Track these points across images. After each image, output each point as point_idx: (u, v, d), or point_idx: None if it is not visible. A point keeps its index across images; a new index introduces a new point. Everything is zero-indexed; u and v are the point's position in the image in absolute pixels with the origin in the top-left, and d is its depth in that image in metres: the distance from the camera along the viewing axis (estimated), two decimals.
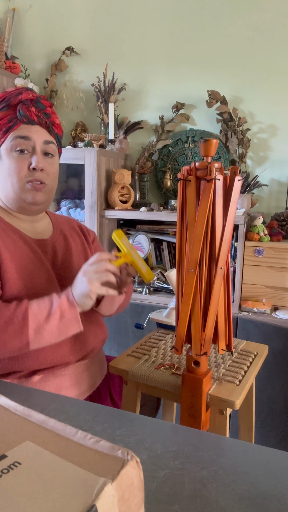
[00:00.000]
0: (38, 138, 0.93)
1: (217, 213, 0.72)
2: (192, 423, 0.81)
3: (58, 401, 0.75)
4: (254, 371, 0.92)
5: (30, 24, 2.36)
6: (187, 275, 0.73)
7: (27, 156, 0.93)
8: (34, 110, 0.93)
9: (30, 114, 0.92)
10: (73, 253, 1.06)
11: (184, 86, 2.12)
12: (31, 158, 0.93)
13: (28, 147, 0.93)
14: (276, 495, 0.53)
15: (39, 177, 0.93)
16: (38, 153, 0.93)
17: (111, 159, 2.03)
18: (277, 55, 1.94)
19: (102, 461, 0.33)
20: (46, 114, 0.96)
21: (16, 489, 0.30)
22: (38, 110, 0.94)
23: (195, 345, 0.76)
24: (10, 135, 0.92)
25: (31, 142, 0.93)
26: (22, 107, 0.92)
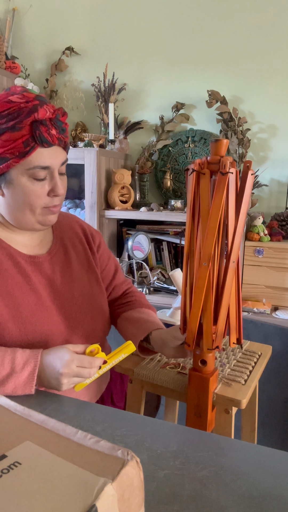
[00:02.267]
0: (56, 163, 0.84)
1: (230, 207, 0.71)
2: (198, 422, 0.81)
3: (58, 401, 0.75)
4: (258, 371, 0.92)
5: (30, 24, 2.36)
6: (199, 269, 0.73)
7: (45, 183, 0.84)
8: (55, 132, 0.81)
9: (52, 139, 0.80)
10: (74, 269, 0.96)
11: (184, 86, 2.12)
12: (50, 184, 0.84)
13: (45, 174, 0.83)
14: (276, 495, 0.53)
15: (57, 202, 0.87)
16: (57, 179, 0.84)
17: (111, 159, 2.03)
18: (277, 55, 1.94)
19: (102, 461, 0.33)
20: (63, 130, 0.84)
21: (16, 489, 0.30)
22: (58, 131, 0.82)
23: (207, 340, 0.75)
24: (26, 161, 0.80)
25: (50, 169, 0.83)
26: (42, 130, 0.78)
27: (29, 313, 0.85)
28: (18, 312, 0.84)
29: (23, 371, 0.75)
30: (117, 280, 1.09)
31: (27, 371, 0.75)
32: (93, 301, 0.97)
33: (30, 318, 0.85)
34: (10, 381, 0.74)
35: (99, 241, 1.07)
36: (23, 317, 0.84)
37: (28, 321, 0.84)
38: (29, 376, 0.75)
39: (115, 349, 0.80)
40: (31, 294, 0.87)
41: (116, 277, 1.09)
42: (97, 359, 0.77)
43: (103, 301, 1.01)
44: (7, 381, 0.74)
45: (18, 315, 0.83)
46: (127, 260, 2.08)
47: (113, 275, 1.09)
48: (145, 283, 2.03)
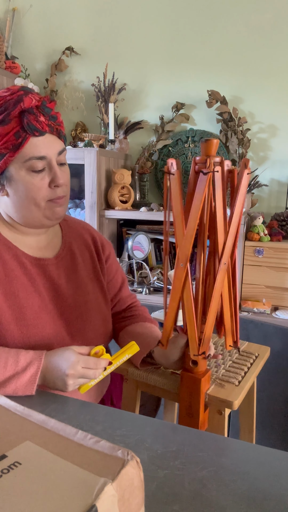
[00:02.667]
0: (52, 152, 0.83)
1: (217, 207, 0.71)
2: (190, 422, 0.80)
3: (58, 401, 0.75)
4: (254, 372, 0.91)
5: (30, 24, 2.36)
6: (176, 270, 0.73)
7: (45, 174, 0.83)
8: (43, 119, 0.80)
9: (42, 126, 0.80)
10: (79, 276, 0.95)
11: (184, 86, 2.12)
12: (50, 174, 0.83)
13: (43, 164, 0.82)
14: (276, 495, 0.53)
15: (60, 193, 0.85)
16: (56, 169, 0.83)
17: (111, 159, 2.03)
18: (277, 55, 1.94)
19: (102, 461, 0.33)
20: (53, 117, 0.83)
21: (16, 489, 0.30)
22: (47, 118, 0.81)
23: (192, 345, 0.75)
24: (21, 154, 0.80)
25: (47, 159, 0.82)
26: (30, 118, 0.78)
27: (32, 315, 0.84)
28: (22, 313, 0.83)
29: (25, 372, 0.75)
30: (123, 293, 1.08)
31: (30, 372, 0.75)
32: (96, 310, 0.96)
33: (33, 320, 0.84)
34: (12, 382, 0.74)
35: (109, 252, 1.06)
36: (26, 319, 0.83)
37: (31, 323, 0.84)
38: (31, 378, 0.75)
39: (119, 350, 0.80)
40: (35, 296, 0.86)
41: (122, 290, 1.08)
42: (102, 360, 0.76)
43: (106, 311, 1.00)
44: (9, 382, 0.74)
45: (22, 316, 0.83)
46: (127, 260, 2.08)
47: (119, 287, 1.08)
48: (145, 283, 2.03)
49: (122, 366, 0.90)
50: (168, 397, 0.88)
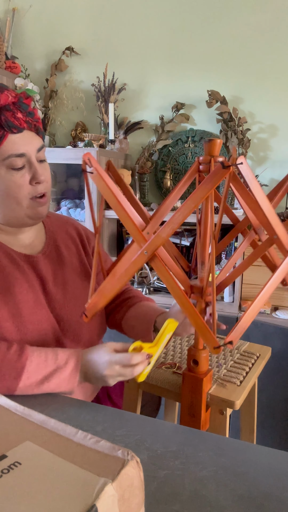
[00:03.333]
0: (32, 149, 0.82)
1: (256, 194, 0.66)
2: (192, 422, 0.81)
3: (58, 401, 0.75)
4: (256, 373, 0.91)
5: (30, 24, 2.35)
6: (141, 255, 0.68)
7: (25, 172, 0.82)
8: (21, 115, 0.80)
9: (20, 123, 0.80)
10: (66, 271, 0.95)
11: (184, 86, 2.12)
12: (30, 172, 0.83)
13: (23, 162, 0.82)
14: (276, 495, 0.53)
15: (41, 190, 0.85)
16: (36, 165, 0.83)
17: (111, 159, 2.03)
18: (277, 55, 1.94)
19: (102, 461, 0.33)
20: (31, 113, 0.82)
21: (16, 489, 0.30)
22: (25, 114, 0.81)
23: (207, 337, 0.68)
24: (0, 152, 0.79)
25: (27, 156, 0.82)
26: (7, 115, 0.78)
27: (28, 311, 0.85)
28: (18, 309, 0.83)
29: (66, 366, 0.76)
30: None
31: (70, 366, 0.77)
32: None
33: (30, 316, 0.84)
34: (54, 377, 0.75)
35: (95, 244, 1.06)
36: (23, 315, 0.84)
37: (28, 319, 0.84)
38: (72, 372, 0.77)
39: (158, 333, 0.78)
40: (29, 291, 0.87)
41: None
42: (136, 356, 0.75)
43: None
44: (52, 376, 0.75)
45: (18, 313, 0.83)
46: None
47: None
48: (145, 283, 2.03)
49: None
50: (170, 396, 0.88)
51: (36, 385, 0.75)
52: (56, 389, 0.76)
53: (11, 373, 0.73)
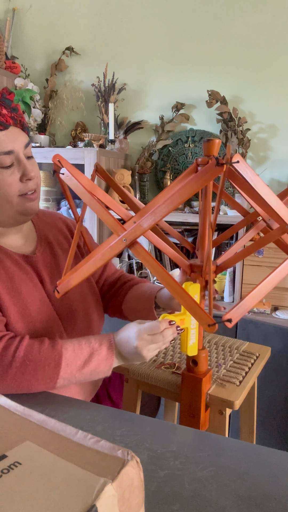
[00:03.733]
0: (19, 146, 0.82)
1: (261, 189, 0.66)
2: (191, 422, 0.80)
3: (58, 401, 0.75)
4: (255, 373, 0.91)
5: (30, 24, 2.36)
6: (118, 242, 0.70)
7: (14, 169, 0.82)
8: (6, 112, 0.79)
9: (6, 119, 0.79)
10: (62, 268, 0.95)
11: (184, 86, 2.12)
12: (19, 169, 0.82)
13: (11, 159, 0.81)
14: (276, 495, 0.53)
15: (32, 187, 0.85)
16: (25, 162, 0.83)
17: (111, 159, 2.03)
18: (277, 55, 1.94)
19: (102, 461, 0.33)
20: (14, 109, 0.82)
21: (16, 489, 0.30)
22: (9, 110, 0.80)
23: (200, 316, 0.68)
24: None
25: (15, 153, 0.81)
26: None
27: (36, 310, 0.85)
28: (27, 310, 0.84)
29: (101, 347, 0.78)
30: (108, 271, 1.10)
31: (105, 346, 0.79)
32: (84, 298, 0.98)
33: (38, 316, 0.85)
34: (93, 360, 0.77)
35: (89, 238, 1.06)
36: (32, 315, 0.84)
37: (37, 319, 0.85)
38: (108, 351, 0.78)
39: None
40: (35, 290, 0.87)
41: (106, 269, 1.10)
42: (162, 322, 0.75)
43: (94, 297, 1.01)
44: (90, 359, 0.77)
45: (27, 313, 0.84)
46: (127, 260, 2.08)
47: (103, 267, 1.09)
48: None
49: (123, 366, 0.91)
50: (169, 397, 0.88)
51: (77, 370, 0.76)
52: (96, 371, 0.78)
53: (50, 363, 0.74)
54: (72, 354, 0.76)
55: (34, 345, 0.76)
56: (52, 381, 0.75)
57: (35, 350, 0.75)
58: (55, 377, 0.75)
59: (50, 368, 0.74)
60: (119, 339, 0.79)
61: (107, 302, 1.09)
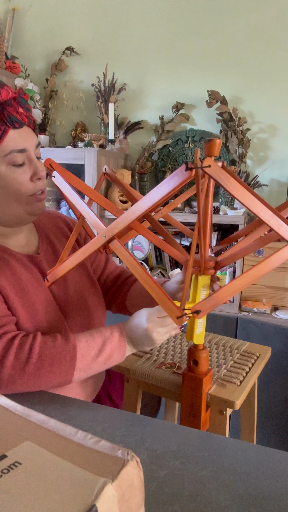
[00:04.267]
0: (31, 145, 0.83)
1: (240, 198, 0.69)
2: (192, 422, 0.81)
3: (58, 401, 0.75)
4: (256, 373, 0.91)
5: (30, 24, 2.35)
6: (98, 237, 0.74)
7: (26, 168, 0.82)
8: (22, 110, 0.80)
9: (22, 118, 0.80)
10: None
11: (184, 86, 2.12)
12: (31, 168, 0.83)
13: (23, 158, 0.81)
14: (276, 495, 0.53)
15: (41, 187, 0.85)
16: (36, 162, 0.84)
17: (111, 159, 2.03)
18: (277, 55, 1.94)
19: (102, 461, 0.33)
20: (28, 109, 0.83)
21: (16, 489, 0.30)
22: (25, 109, 0.82)
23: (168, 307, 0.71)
24: (1, 147, 0.78)
25: (27, 152, 0.82)
26: (9, 110, 0.78)
27: (43, 310, 0.86)
28: (34, 310, 0.85)
29: (112, 335, 0.80)
30: (109, 269, 1.11)
31: (116, 334, 0.81)
32: (87, 296, 0.98)
33: (45, 315, 0.86)
34: (106, 347, 0.79)
35: (85, 234, 1.07)
36: (39, 315, 0.85)
37: (44, 319, 0.85)
38: (120, 338, 0.80)
39: (191, 290, 0.78)
40: (41, 290, 0.88)
41: (107, 266, 1.10)
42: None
43: (96, 294, 1.02)
44: (103, 347, 0.78)
45: (35, 313, 0.84)
46: None
47: (104, 264, 1.10)
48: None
49: (123, 366, 0.91)
50: (170, 396, 0.88)
51: (92, 359, 0.77)
52: (110, 359, 0.79)
53: (65, 356, 0.76)
54: (85, 344, 0.78)
55: (48, 340, 0.77)
56: (69, 374, 0.76)
57: (49, 345, 0.76)
58: (72, 369, 0.76)
59: (66, 361, 0.76)
60: (130, 325, 0.82)
61: (110, 299, 1.10)
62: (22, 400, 0.74)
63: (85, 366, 0.77)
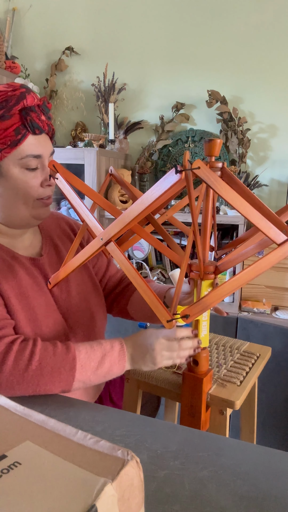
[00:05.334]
0: (46, 152, 0.84)
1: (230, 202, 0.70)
2: (192, 422, 0.81)
3: (58, 401, 0.75)
4: (256, 373, 0.91)
5: (30, 24, 2.35)
6: (96, 241, 0.74)
7: (38, 173, 0.83)
8: (44, 118, 0.82)
9: (43, 125, 0.81)
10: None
11: (184, 86, 2.12)
12: (43, 174, 0.84)
13: (37, 163, 0.82)
14: (276, 495, 0.53)
15: (49, 193, 0.86)
16: (48, 169, 0.85)
17: (111, 159, 2.03)
18: (277, 55, 1.94)
19: (102, 461, 0.33)
20: (50, 118, 0.86)
21: (16, 489, 0.30)
22: (46, 117, 0.83)
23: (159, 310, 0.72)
24: (18, 150, 0.79)
25: (42, 158, 0.83)
26: (32, 116, 0.79)
27: (42, 314, 0.85)
28: (34, 314, 0.84)
29: (113, 349, 0.79)
30: (110, 271, 1.10)
31: (117, 347, 0.79)
32: (89, 298, 0.98)
33: (45, 320, 0.85)
34: (105, 360, 0.77)
35: (88, 236, 1.07)
36: (39, 319, 0.84)
37: (43, 323, 0.85)
38: (120, 352, 0.79)
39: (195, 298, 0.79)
40: (41, 294, 0.87)
41: (109, 268, 1.10)
42: (181, 330, 0.78)
43: (98, 296, 1.02)
44: (103, 361, 0.77)
45: (34, 317, 0.84)
46: None
47: (106, 267, 1.10)
48: None
49: None
50: (170, 396, 0.88)
51: (92, 372, 0.76)
52: (109, 372, 0.78)
53: (65, 366, 0.75)
54: (85, 356, 0.77)
55: (48, 348, 0.76)
56: (68, 384, 0.75)
57: (49, 353, 0.75)
58: (71, 379, 0.75)
59: (66, 370, 0.74)
60: (133, 343, 0.80)
61: (112, 302, 1.10)
62: (22, 400, 0.74)
63: (85, 377, 0.76)
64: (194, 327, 0.79)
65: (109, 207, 0.81)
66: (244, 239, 0.86)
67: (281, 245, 0.60)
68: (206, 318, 0.78)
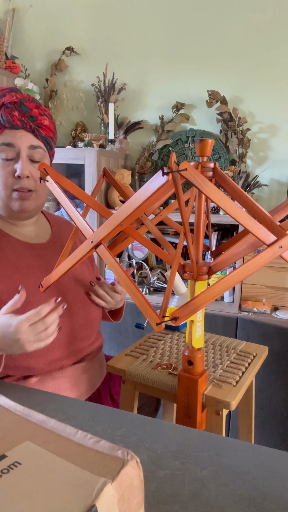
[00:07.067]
0: (22, 144, 0.88)
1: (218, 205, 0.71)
2: (188, 423, 0.80)
3: (58, 401, 0.75)
4: (252, 372, 0.91)
5: (30, 24, 2.35)
6: (86, 243, 0.73)
7: (12, 163, 0.89)
8: (17, 114, 0.88)
9: (13, 119, 0.87)
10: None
11: (184, 86, 2.12)
12: (16, 165, 0.89)
13: (13, 154, 0.88)
14: (276, 495, 0.53)
15: (25, 185, 0.89)
16: (23, 160, 0.88)
17: (111, 159, 2.03)
18: (277, 55, 1.94)
19: (102, 461, 0.33)
20: (32, 117, 0.90)
21: (16, 489, 0.30)
22: (21, 114, 0.88)
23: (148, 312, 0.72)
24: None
25: (16, 148, 0.88)
26: (4, 111, 0.87)
27: (28, 294, 0.87)
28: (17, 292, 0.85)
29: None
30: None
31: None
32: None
33: (29, 298, 0.87)
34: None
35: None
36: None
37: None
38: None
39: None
40: (31, 276, 0.91)
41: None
42: (46, 305, 0.75)
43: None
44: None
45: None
46: (127, 260, 2.08)
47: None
48: (145, 283, 2.03)
49: (119, 367, 0.91)
50: (166, 397, 0.88)
51: None
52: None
53: None
54: None
55: None
56: None
57: None
58: None
59: None
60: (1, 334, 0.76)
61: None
62: (22, 400, 0.74)
63: None
64: (189, 329, 0.79)
65: (101, 208, 0.82)
66: (239, 239, 0.86)
67: (270, 245, 0.60)
68: (200, 319, 0.78)
